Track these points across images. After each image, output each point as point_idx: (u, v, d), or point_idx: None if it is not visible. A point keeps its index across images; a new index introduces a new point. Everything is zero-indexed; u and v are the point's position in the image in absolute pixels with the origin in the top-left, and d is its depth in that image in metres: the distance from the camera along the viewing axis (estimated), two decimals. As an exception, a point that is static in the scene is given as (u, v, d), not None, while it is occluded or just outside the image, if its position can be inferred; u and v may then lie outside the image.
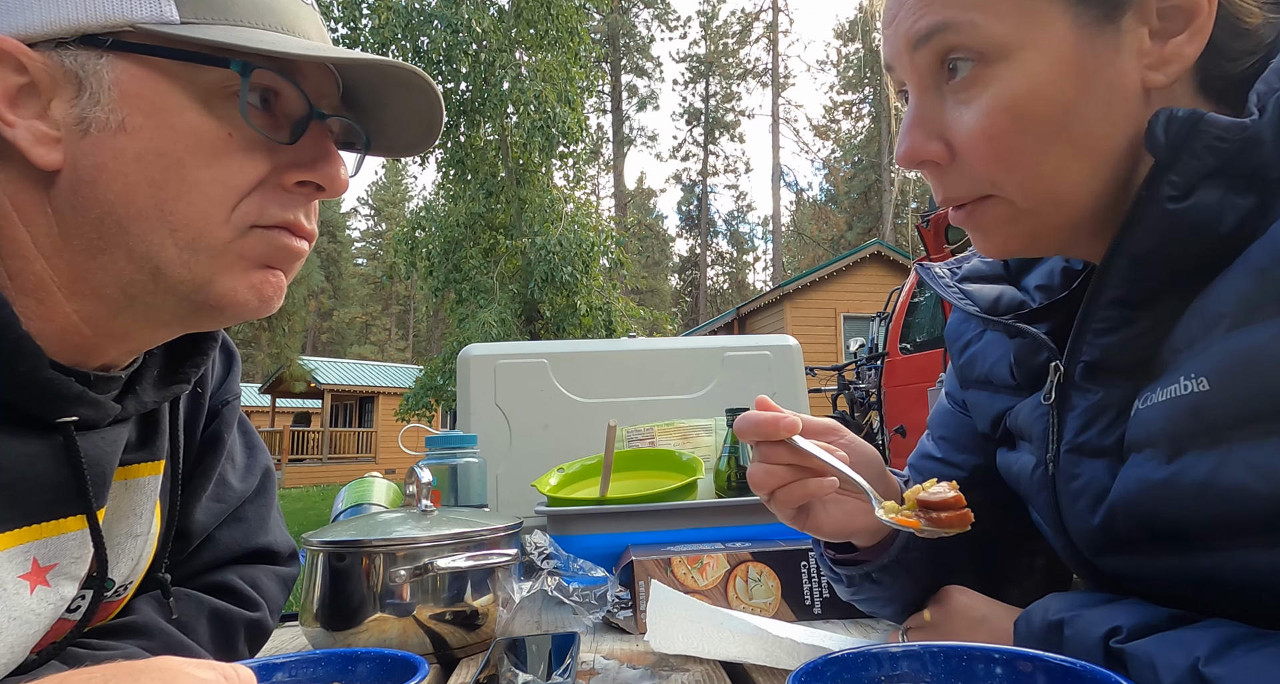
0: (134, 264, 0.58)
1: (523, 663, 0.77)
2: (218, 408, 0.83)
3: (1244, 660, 0.47)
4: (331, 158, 0.64)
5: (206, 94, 0.58)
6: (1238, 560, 0.53)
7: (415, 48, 12.20)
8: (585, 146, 13.57)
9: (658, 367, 1.77)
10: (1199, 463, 0.53)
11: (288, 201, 0.62)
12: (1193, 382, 0.53)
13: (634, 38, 36.73)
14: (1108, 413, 0.63)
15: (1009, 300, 0.75)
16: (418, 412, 13.22)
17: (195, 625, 0.74)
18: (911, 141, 0.62)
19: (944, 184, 0.63)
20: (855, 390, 6.69)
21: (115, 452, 0.65)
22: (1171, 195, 0.54)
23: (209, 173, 0.58)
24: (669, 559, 0.99)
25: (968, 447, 0.86)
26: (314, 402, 24.52)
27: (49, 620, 0.62)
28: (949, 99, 0.60)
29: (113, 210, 0.56)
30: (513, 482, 1.62)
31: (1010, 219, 0.61)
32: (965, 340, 0.84)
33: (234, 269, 0.61)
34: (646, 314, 14.09)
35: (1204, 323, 0.54)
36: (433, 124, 0.69)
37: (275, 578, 0.85)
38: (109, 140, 0.56)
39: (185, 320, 0.64)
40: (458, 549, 0.86)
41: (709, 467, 1.27)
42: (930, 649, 0.51)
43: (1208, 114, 0.52)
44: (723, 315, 18.78)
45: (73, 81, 0.56)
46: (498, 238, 12.99)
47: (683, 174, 40.23)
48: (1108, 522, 0.62)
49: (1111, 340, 0.61)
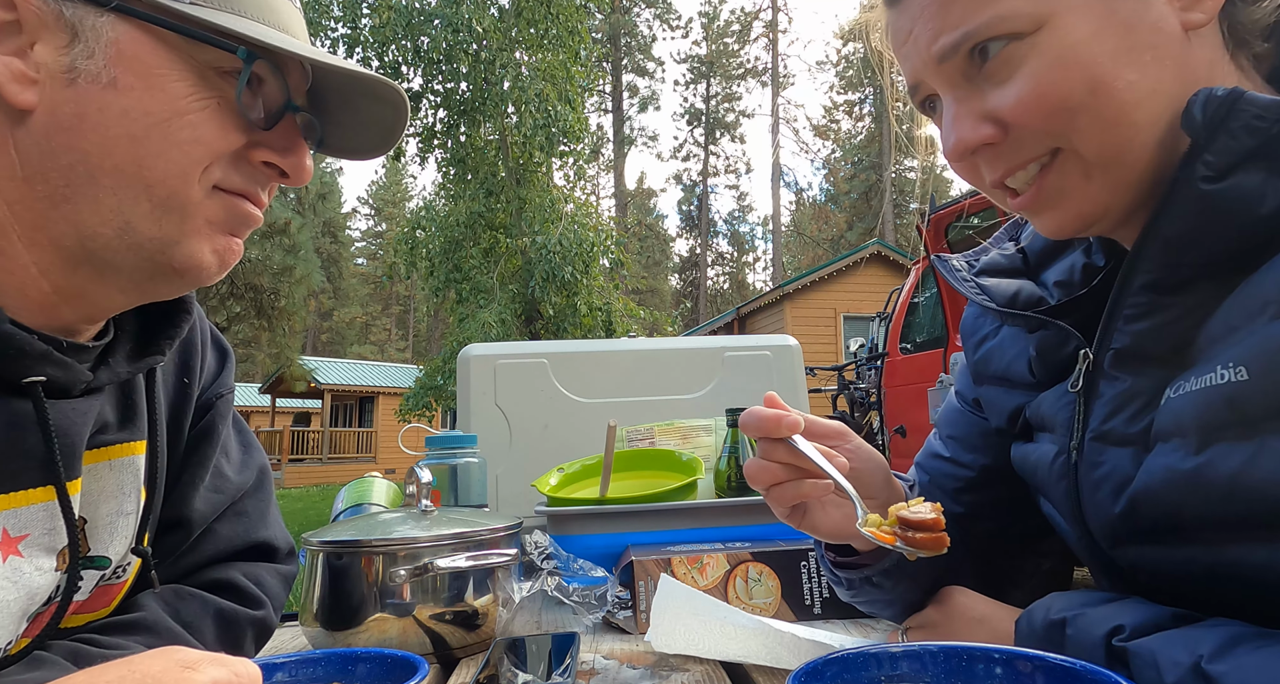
0: (99, 217, 0.59)
1: (523, 663, 0.77)
2: (211, 401, 0.83)
3: (1248, 658, 0.46)
4: (300, 148, 0.68)
5: (201, 68, 0.61)
6: (1259, 555, 0.52)
7: (415, 47, 12.19)
8: (586, 146, 13.56)
9: (658, 367, 1.77)
10: (1231, 454, 0.52)
11: (250, 175, 0.66)
12: (1230, 371, 0.52)
13: (635, 37, 36.74)
14: (1136, 401, 0.62)
15: (1027, 296, 0.73)
16: (418, 412, 13.22)
17: (201, 625, 0.74)
18: (959, 132, 0.61)
19: (1004, 157, 0.61)
20: (855, 390, 6.68)
21: (85, 423, 0.65)
22: (1206, 176, 0.53)
23: (191, 134, 0.60)
24: (669, 559, 0.99)
25: (977, 446, 0.85)
26: (314, 402, 24.52)
27: (29, 592, 0.62)
28: (984, 85, 0.60)
29: (85, 160, 0.58)
30: (513, 482, 1.62)
31: (1083, 175, 0.59)
32: (981, 336, 0.83)
33: (200, 232, 0.63)
34: (646, 314, 14.09)
35: (1246, 310, 0.52)
36: (391, 134, 0.73)
37: (277, 575, 0.85)
38: (97, 93, 0.57)
39: (141, 286, 0.65)
40: (458, 549, 0.86)
41: (709, 467, 1.27)
42: (930, 649, 0.51)
43: (1247, 93, 0.51)
44: (723, 315, 18.78)
45: (66, 30, 0.57)
46: (498, 237, 12.99)
47: (683, 174, 40.28)
48: (1129, 511, 0.61)
49: (1143, 327, 0.60)
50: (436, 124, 12.96)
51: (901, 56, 0.66)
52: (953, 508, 0.88)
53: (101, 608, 0.72)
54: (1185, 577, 0.58)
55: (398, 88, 0.69)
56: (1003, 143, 0.60)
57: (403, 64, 12.34)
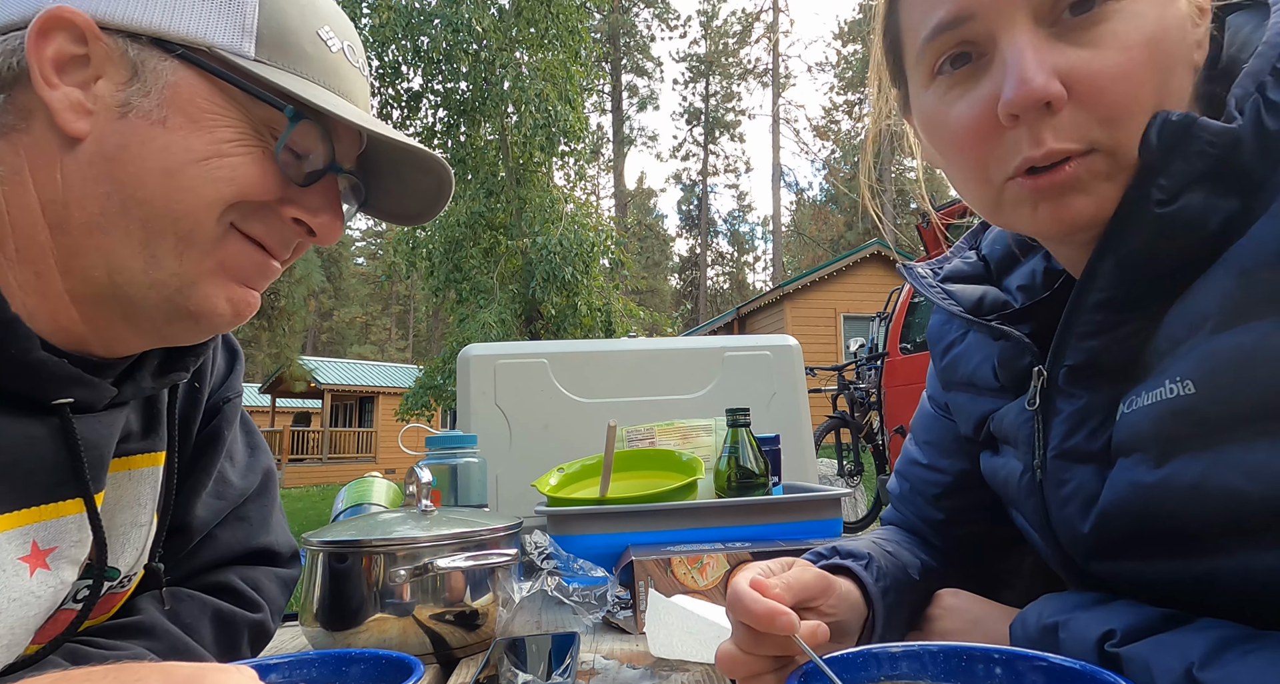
0: (129, 249, 0.60)
1: (523, 663, 0.77)
2: (218, 405, 0.83)
3: (1238, 665, 0.47)
4: (332, 210, 0.69)
5: (252, 120, 0.62)
6: (1232, 563, 0.53)
7: (415, 47, 12.17)
8: (586, 146, 13.55)
9: (658, 367, 1.77)
10: (1190, 466, 0.53)
11: (276, 227, 0.66)
12: (1178, 385, 0.53)
13: (634, 37, 36.71)
14: (1094, 417, 0.62)
15: (992, 301, 0.74)
16: (418, 412, 13.22)
17: (199, 627, 0.74)
18: (1037, 78, 0.54)
19: (1049, 133, 0.55)
20: (855, 390, 6.68)
21: (112, 435, 0.66)
22: (1160, 199, 0.53)
23: (227, 174, 0.61)
24: (669, 559, 0.99)
25: (951, 451, 0.85)
26: (314, 401, 24.51)
27: (49, 604, 0.62)
28: (1067, 38, 0.55)
29: (120, 189, 0.59)
30: (513, 482, 1.62)
31: (1107, 176, 0.56)
32: (948, 341, 0.84)
33: (217, 276, 0.63)
34: (646, 315, 14.08)
35: (1187, 325, 0.54)
36: (436, 204, 0.75)
37: (276, 579, 0.85)
38: (144, 128, 0.59)
39: (160, 329, 0.65)
40: (458, 549, 0.86)
41: (709, 467, 1.27)
42: (930, 649, 0.51)
43: (1199, 118, 0.52)
44: (723, 315, 18.77)
45: (128, 69, 0.59)
46: (498, 237, 12.97)
47: (683, 174, 40.25)
48: (1099, 527, 0.61)
49: (1096, 343, 0.61)
50: (436, 124, 12.95)
51: None
52: (934, 514, 0.89)
53: (102, 614, 0.72)
54: (1161, 588, 0.59)
55: (442, 161, 0.70)
56: (1058, 113, 0.55)
57: (403, 64, 12.33)
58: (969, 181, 0.64)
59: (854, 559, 0.76)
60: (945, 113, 0.62)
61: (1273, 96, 0.52)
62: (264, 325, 16.66)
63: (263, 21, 0.62)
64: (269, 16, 0.62)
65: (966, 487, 0.83)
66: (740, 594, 0.58)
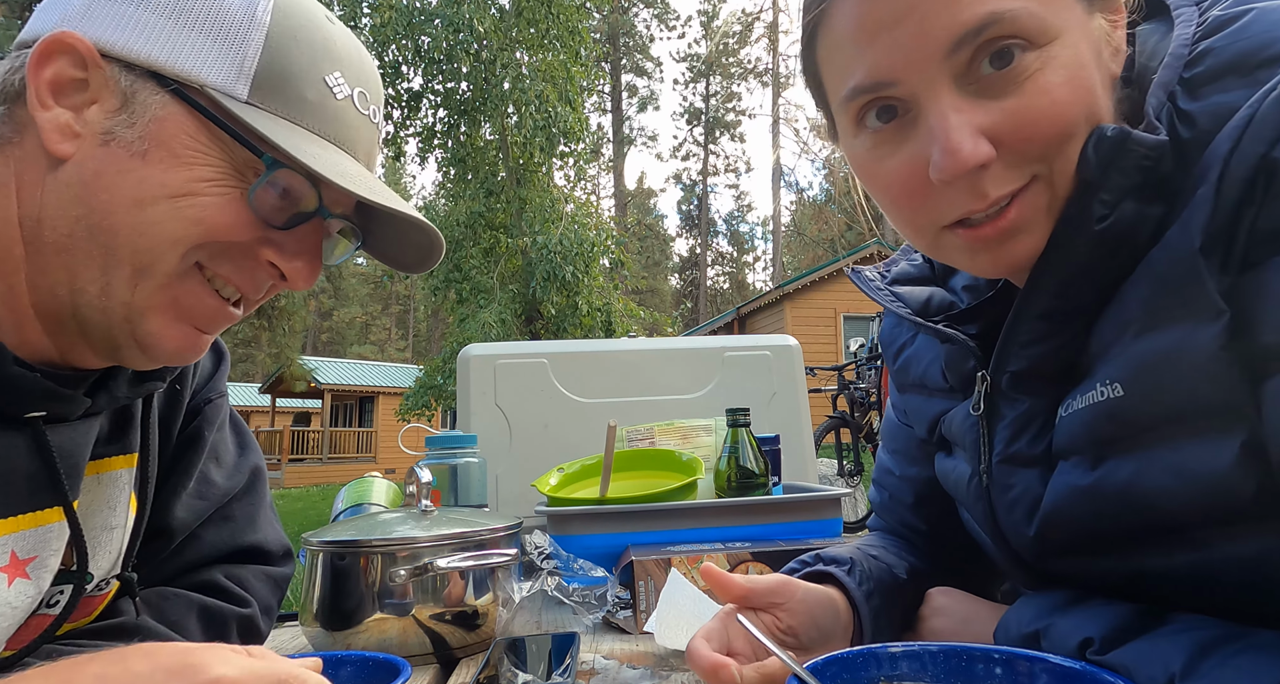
0: (89, 273, 0.60)
1: (523, 663, 0.77)
2: (200, 406, 0.83)
3: (1218, 673, 0.47)
4: (309, 257, 0.67)
5: (235, 162, 0.62)
6: (1166, 562, 0.54)
7: (416, 47, 12.18)
8: (586, 146, 13.55)
9: (658, 367, 1.77)
10: (1120, 467, 0.54)
11: (248, 268, 0.65)
12: (1109, 388, 0.54)
13: (634, 37, 36.72)
14: (1035, 422, 0.63)
15: (939, 301, 0.75)
16: (418, 412, 13.22)
17: (185, 623, 0.74)
18: (964, 146, 0.54)
19: (987, 184, 0.55)
20: (855, 390, 6.68)
21: (86, 444, 0.67)
22: (1102, 214, 0.54)
23: (197, 214, 0.61)
24: (669, 559, 0.99)
25: (917, 458, 0.86)
26: (314, 401, 24.50)
27: (24, 614, 0.63)
28: (982, 96, 0.55)
29: (90, 214, 0.59)
30: (513, 482, 1.62)
31: (1047, 208, 0.57)
32: (899, 344, 0.85)
33: (166, 313, 0.63)
34: (646, 315, 14.08)
35: (1115, 329, 0.55)
36: (428, 259, 0.74)
37: (265, 577, 0.85)
38: (123, 158, 0.59)
39: (113, 354, 0.65)
40: (458, 549, 0.86)
41: (709, 467, 1.27)
42: (930, 649, 0.51)
43: (1133, 132, 0.53)
44: (723, 315, 18.77)
45: (120, 98, 0.60)
46: (498, 237, 12.97)
47: (683, 174, 40.23)
48: (1043, 530, 0.62)
49: (1037, 351, 0.62)
50: (437, 124, 12.96)
51: (891, 41, 0.55)
52: (914, 521, 0.90)
53: (82, 618, 0.72)
54: (1109, 585, 0.60)
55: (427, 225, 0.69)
56: (991, 166, 0.55)
57: (403, 64, 12.33)
58: (903, 226, 0.64)
59: (836, 565, 0.77)
60: (876, 166, 0.61)
61: (1183, 106, 0.53)
62: (264, 325, 16.66)
63: (263, 64, 0.61)
64: (271, 59, 0.62)
65: (932, 495, 0.84)
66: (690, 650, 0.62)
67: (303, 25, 0.64)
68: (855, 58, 0.57)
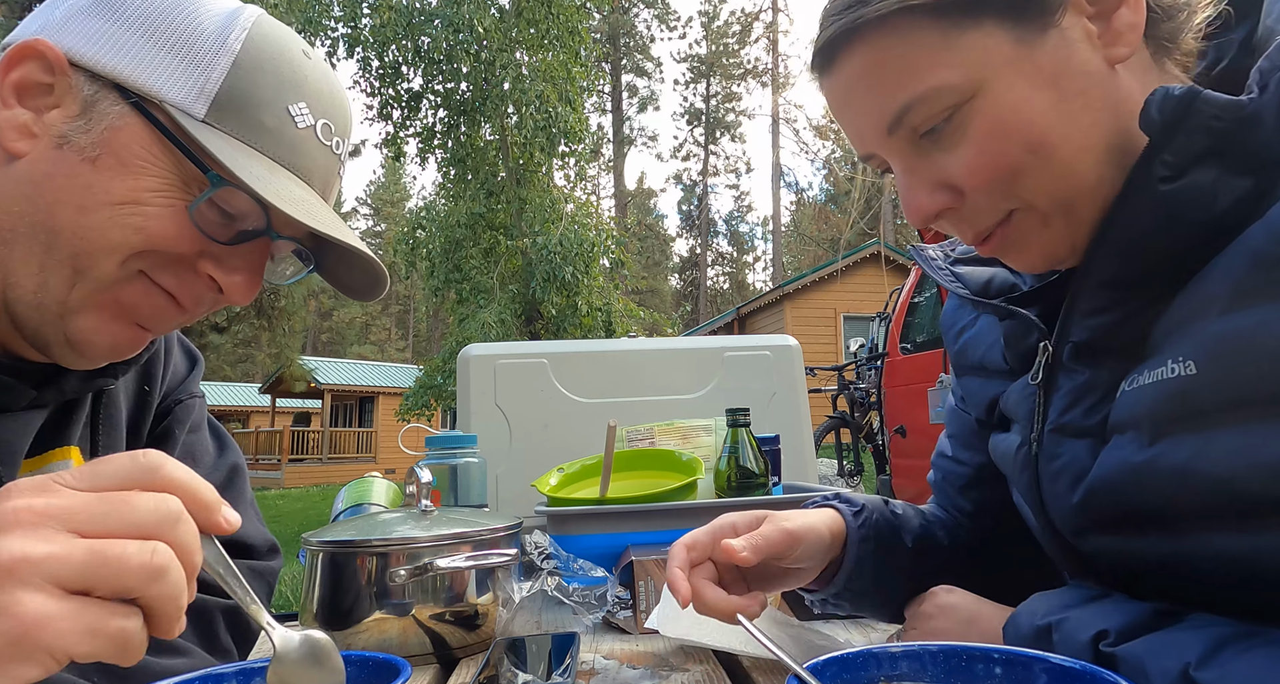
0: (26, 269, 0.61)
1: (523, 663, 0.77)
2: (170, 407, 0.84)
3: (1235, 664, 0.47)
4: (249, 273, 0.69)
5: (184, 175, 0.63)
6: (1213, 545, 0.53)
7: (416, 47, 12.17)
8: (586, 146, 13.54)
9: (658, 367, 1.77)
10: (1180, 446, 0.53)
11: (187, 280, 0.67)
12: (1180, 365, 0.53)
13: (634, 38, 36.71)
14: (1093, 394, 0.63)
15: (1000, 283, 0.75)
16: (418, 412, 13.21)
17: None
18: (919, 200, 0.62)
19: (967, 222, 0.63)
20: (855, 390, 6.69)
21: (26, 436, 0.67)
22: (1165, 176, 0.53)
23: (138, 223, 0.62)
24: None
25: (972, 444, 0.86)
26: (314, 401, 24.50)
27: None
28: (933, 151, 0.61)
29: (34, 213, 0.61)
30: (513, 482, 1.62)
31: (1041, 224, 0.60)
32: (960, 327, 0.84)
33: (104, 312, 0.64)
34: (646, 315, 14.07)
35: (1195, 306, 0.53)
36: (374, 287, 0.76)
37: (248, 570, 0.85)
38: (74, 162, 0.61)
39: (45, 349, 0.66)
40: (458, 549, 0.86)
41: (709, 467, 1.27)
42: (930, 649, 0.51)
43: (1204, 91, 0.51)
44: (723, 315, 18.77)
45: (80, 105, 0.62)
46: (498, 238, 12.96)
47: (683, 174, 40.23)
48: (1086, 501, 0.62)
49: (1100, 321, 0.61)
50: (436, 124, 12.95)
51: (845, 125, 0.66)
52: (963, 503, 0.90)
53: None
54: (1144, 566, 0.60)
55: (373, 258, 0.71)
56: (962, 207, 0.62)
57: (403, 64, 12.32)
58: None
59: (848, 505, 0.80)
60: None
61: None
62: (264, 325, 16.64)
63: (225, 88, 0.64)
64: (234, 84, 0.64)
65: (986, 479, 0.84)
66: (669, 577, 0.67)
67: (273, 57, 0.67)
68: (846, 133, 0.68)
